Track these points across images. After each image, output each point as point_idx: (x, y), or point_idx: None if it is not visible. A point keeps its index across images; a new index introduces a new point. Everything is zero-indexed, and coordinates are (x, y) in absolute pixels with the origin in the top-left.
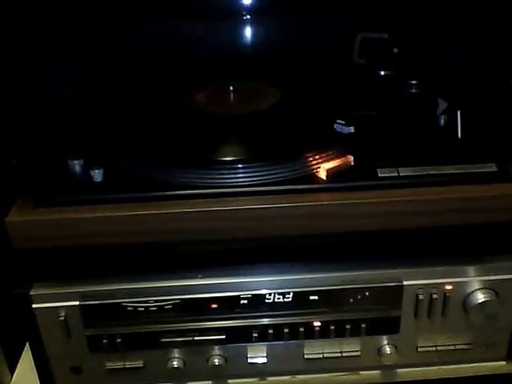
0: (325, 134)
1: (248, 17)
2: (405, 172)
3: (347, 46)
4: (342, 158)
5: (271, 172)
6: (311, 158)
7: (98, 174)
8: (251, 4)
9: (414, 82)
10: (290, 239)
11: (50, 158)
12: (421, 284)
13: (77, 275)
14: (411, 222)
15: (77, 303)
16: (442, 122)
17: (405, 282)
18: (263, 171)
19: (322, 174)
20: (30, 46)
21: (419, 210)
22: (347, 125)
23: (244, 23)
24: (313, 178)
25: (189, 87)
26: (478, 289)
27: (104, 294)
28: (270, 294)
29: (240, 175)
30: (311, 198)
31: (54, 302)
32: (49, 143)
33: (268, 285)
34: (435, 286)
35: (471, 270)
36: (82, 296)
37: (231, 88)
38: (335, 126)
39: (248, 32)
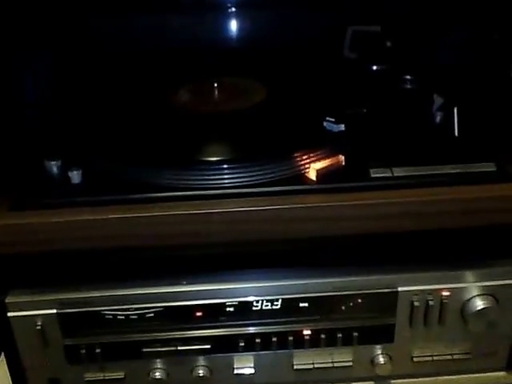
0: (314, 132)
1: (233, 9)
2: (399, 172)
3: (338, 39)
4: (333, 158)
5: (258, 173)
6: (300, 158)
7: (76, 176)
8: None
9: (408, 77)
10: (279, 243)
11: (26, 158)
12: (416, 290)
13: (54, 282)
14: (406, 225)
15: (54, 311)
16: (438, 119)
17: (399, 288)
18: (250, 172)
19: (312, 175)
20: (5, 45)
21: (414, 212)
22: (337, 122)
23: (229, 16)
24: (302, 178)
25: (171, 84)
26: (477, 295)
27: (83, 301)
28: (257, 301)
29: (225, 176)
30: (300, 200)
31: (30, 310)
32: (24, 143)
33: (255, 291)
34: (431, 292)
35: (469, 275)
36: (60, 304)
37: (216, 85)
38: (325, 123)
39: (233, 26)
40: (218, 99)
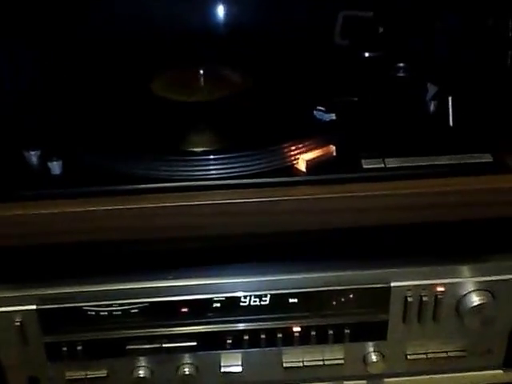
0: (304, 121)
1: None
2: (392, 163)
3: (328, 25)
4: (323, 148)
5: (246, 164)
6: (289, 148)
7: (56, 166)
8: None
9: (401, 64)
10: (267, 237)
11: (4, 148)
12: (410, 285)
13: (34, 276)
14: (399, 218)
15: (34, 307)
16: (432, 108)
17: (392, 284)
18: (237, 163)
19: (302, 166)
20: None
21: (408, 204)
22: (328, 111)
23: (215, 2)
24: (291, 170)
25: (155, 71)
26: (473, 290)
27: (64, 297)
28: (245, 297)
29: (212, 167)
30: (290, 192)
31: (8, 306)
32: (2, 133)
33: (243, 286)
34: (426, 287)
35: (465, 269)
36: (40, 299)
37: (201, 72)
38: (315, 112)
39: (220, 12)
40: (204, 87)
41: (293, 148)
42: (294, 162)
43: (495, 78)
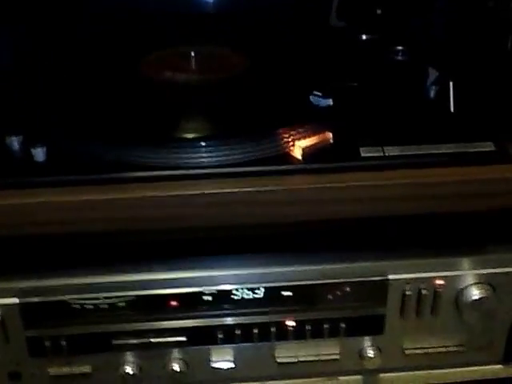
0: (299, 107)
1: None
2: (391, 151)
3: (324, 6)
4: (320, 135)
5: (238, 151)
6: (284, 135)
7: (39, 153)
8: None
9: (400, 47)
10: (261, 227)
11: None
12: (408, 278)
13: (16, 269)
14: (398, 209)
15: (16, 301)
16: (433, 93)
17: (390, 276)
18: (229, 150)
19: (297, 154)
20: None
21: (407, 194)
22: (325, 97)
23: None
24: (286, 157)
25: (143, 53)
26: (473, 283)
27: (47, 289)
28: (237, 290)
29: (203, 155)
30: (284, 181)
31: None
32: None
33: (235, 279)
34: (424, 280)
35: (465, 262)
36: (22, 292)
37: (192, 54)
38: (311, 97)
39: None
40: (195, 70)
41: (287, 135)
42: (289, 149)
43: (497, 63)
